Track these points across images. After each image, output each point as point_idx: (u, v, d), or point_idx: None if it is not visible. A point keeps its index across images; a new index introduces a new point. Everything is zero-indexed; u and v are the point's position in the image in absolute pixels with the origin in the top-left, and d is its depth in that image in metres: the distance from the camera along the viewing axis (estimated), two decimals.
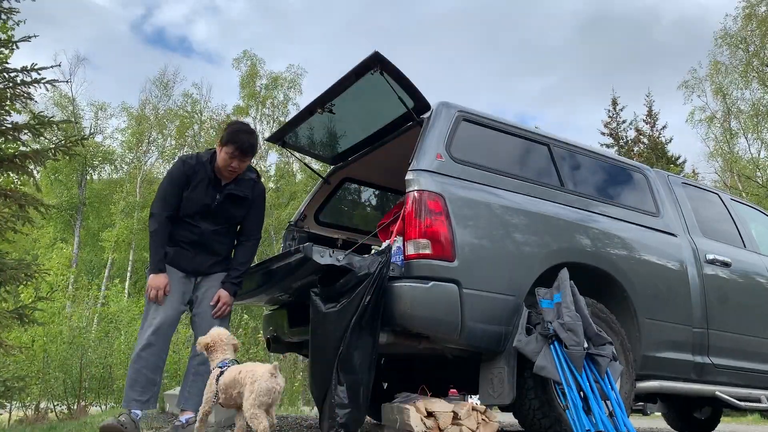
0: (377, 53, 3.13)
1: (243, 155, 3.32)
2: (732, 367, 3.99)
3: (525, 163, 3.58)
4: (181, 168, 3.35)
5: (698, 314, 3.81)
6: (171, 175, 3.37)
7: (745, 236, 4.56)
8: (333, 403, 2.77)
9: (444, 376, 4.37)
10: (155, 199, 3.38)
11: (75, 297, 12.76)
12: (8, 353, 6.46)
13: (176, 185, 3.34)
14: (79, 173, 26.45)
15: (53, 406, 8.26)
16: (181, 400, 3.34)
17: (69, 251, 17.87)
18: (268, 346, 4.12)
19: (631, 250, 3.59)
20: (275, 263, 3.21)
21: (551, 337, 2.86)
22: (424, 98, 3.35)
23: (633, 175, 4.07)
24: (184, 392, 3.33)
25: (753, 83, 21.57)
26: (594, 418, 2.74)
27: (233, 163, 3.30)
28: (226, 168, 3.33)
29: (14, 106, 6.34)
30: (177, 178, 3.34)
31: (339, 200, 4.67)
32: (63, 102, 26.23)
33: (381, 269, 2.82)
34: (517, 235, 3.16)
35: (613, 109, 28.99)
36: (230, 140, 3.29)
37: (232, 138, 3.29)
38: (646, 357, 3.53)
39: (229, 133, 3.31)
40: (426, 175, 3.01)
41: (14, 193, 6.02)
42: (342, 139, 4.19)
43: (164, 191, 3.35)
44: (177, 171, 3.35)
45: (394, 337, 2.94)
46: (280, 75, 27.22)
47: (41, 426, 5.05)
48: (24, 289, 7.81)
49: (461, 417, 2.99)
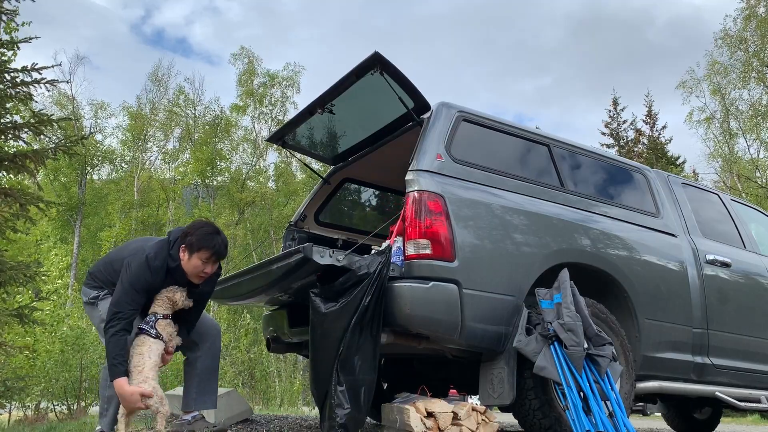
0: (377, 53, 3.13)
1: (218, 258, 3.04)
2: (732, 368, 3.99)
3: (525, 163, 3.58)
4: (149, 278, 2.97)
5: (698, 315, 3.81)
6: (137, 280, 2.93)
7: (745, 237, 4.56)
8: (333, 403, 2.77)
9: (444, 376, 4.37)
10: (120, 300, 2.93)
11: (75, 299, 12.76)
12: (8, 353, 6.46)
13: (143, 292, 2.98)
14: (79, 173, 26.46)
15: (53, 406, 8.26)
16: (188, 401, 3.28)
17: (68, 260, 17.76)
18: (268, 347, 4.12)
19: (631, 250, 3.59)
20: (275, 263, 3.20)
21: (551, 337, 2.86)
22: (424, 98, 3.35)
23: (633, 175, 4.07)
24: (192, 393, 3.27)
25: (751, 83, 21.58)
26: (594, 419, 2.74)
27: (207, 268, 3.01)
28: (197, 274, 3.02)
29: (17, 108, 6.35)
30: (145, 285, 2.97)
31: (339, 200, 4.67)
32: (63, 101, 26.25)
33: (381, 269, 2.82)
34: (517, 236, 3.16)
35: (613, 109, 29.03)
36: (203, 245, 2.96)
37: (205, 243, 2.96)
38: (646, 357, 3.53)
39: (199, 238, 2.97)
40: (426, 176, 3.01)
41: (14, 192, 6.02)
42: (342, 139, 4.19)
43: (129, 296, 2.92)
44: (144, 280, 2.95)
45: (394, 337, 2.94)
46: (277, 73, 27.24)
47: (41, 426, 5.05)
48: (23, 290, 7.81)
49: (461, 417, 2.99)
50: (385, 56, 3.14)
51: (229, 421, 3.84)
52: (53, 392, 8.11)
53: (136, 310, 2.94)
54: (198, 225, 3.08)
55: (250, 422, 4.01)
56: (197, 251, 2.96)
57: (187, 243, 2.97)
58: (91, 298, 3.20)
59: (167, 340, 2.99)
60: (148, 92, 28.16)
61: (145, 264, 2.95)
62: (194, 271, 3.00)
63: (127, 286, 2.91)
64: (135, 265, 2.95)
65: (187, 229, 3.05)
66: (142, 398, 2.76)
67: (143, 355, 2.87)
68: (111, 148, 28.19)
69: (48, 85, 6.37)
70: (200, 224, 3.09)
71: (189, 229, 3.05)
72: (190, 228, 3.06)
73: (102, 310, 3.06)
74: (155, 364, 2.88)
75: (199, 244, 2.96)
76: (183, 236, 3.01)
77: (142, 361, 2.85)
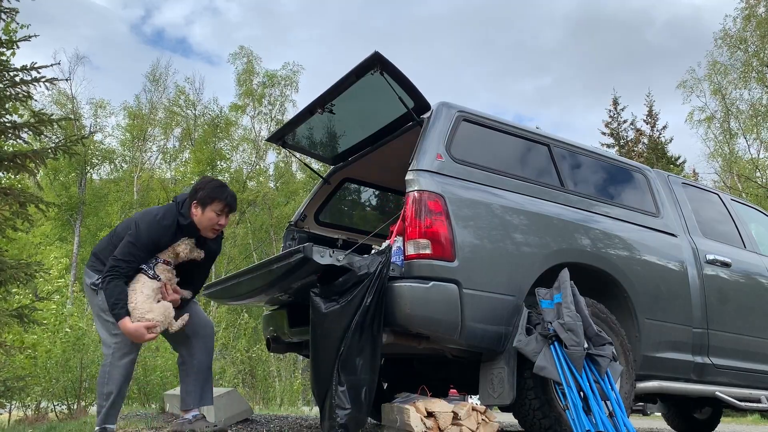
0: (377, 53, 3.13)
1: (231, 210, 3.17)
2: (732, 368, 3.99)
3: (525, 163, 3.58)
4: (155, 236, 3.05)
5: (698, 314, 3.81)
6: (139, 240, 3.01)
7: (745, 236, 4.56)
8: (333, 403, 2.77)
9: (444, 376, 4.37)
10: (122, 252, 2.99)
11: (75, 299, 12.77)
12: (8, 353, 6.46)
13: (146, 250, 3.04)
14: (79, 172, 26.45)
15: (53, 406, 8.25)
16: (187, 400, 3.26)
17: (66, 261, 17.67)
18: (268, 346, 4.12)
19: (631, 250, 3.59)
20: (275, 263, 3.20)
21: (551, 337, 2.86)
22: (424, 98, 3.35)
23: (633, 175, 4.07)
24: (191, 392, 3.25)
25: (752, 83, 21.58)
26: (594, 419, 2.74)
27: (221, 220, 3.14)
28: (212, 227, 3.14)
29: (15, 107, 6.34)
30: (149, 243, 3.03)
31: (339, 200, 4.67)
32: (62, 100, 26.24)
33: (381, 269, 2.82)
34: (518, 236, 3.16)
35: (613, 109, 29.04)
36: (215, 197, 3.10)
37: (216, 195, 3.10)
38: (646, 357, 3.53)
39: (210, 190, 3.11)
40: (426, 176, 3.01)
41: (14, 192, 6.02)
42: (342, 139, 4.19)
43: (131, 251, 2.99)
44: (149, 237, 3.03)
45: (394, 337, 2.94)
46: (276, 72, 27.21)
47: (41, 426, 5.05)
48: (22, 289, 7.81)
49: (461, 417, 2.99)
50: (385, 56, 3.14)
51: (229, 420, 3.84)
52: (53, 392, 8.10)
53: (135, 266, 3.00)
54: (205, 181, 3.22)
55: (250, 422, 4.00)
56: (210, 204, 3.09)
57: (199, 198, 3.10)
58: (93, 284, 3.13)
59: (164, 281, 3.07)
60: (147, 92, 28.17)
61: (154, 222, 3.06)
62: (209, 224, 3.12)
63: (131, 241, 3.01)
64: (143, 224, 3.06)
65: (196, 186, 3.17)
66: (148, 330, 2.91)
67: (135, 291, 2.98)
68: (111, 147, 28.19)
69: (47, 83, 6.36)
70: (207, 180, 3.24)
71: (197, 185, 3.17)
72: (198, 185, 3.17)
73: (102, 298, 3.04)
74: (147, 296, 2.97)
75: (212, 197, 3.09)
76: (193, 193, 3.14)
77: (134, 297, 2.96)
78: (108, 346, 3.09)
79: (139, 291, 2.98)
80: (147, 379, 8.82)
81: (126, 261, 2.97)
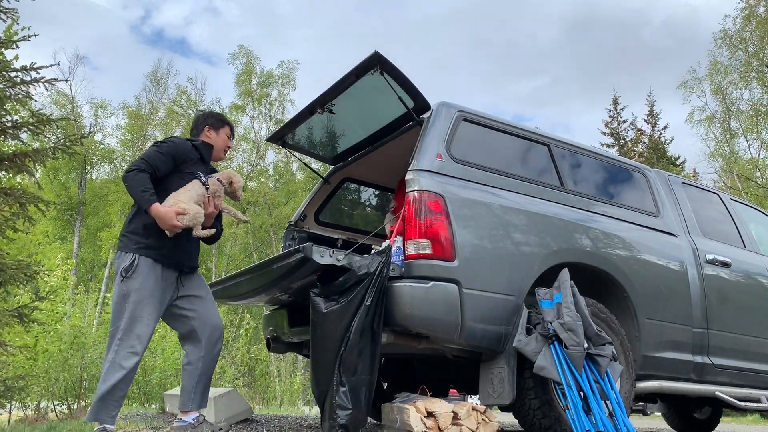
0: (377, 53, 3.13)
1: (234, 135, 3.58)
2: (732, 367, 3.99)
3: (525, 163, 3.58)
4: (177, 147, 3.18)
5: (698, 314, 3.81)
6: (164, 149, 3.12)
7: (745, 236, 4.56)
8: (334, 403, 2.77)
9: (444, 376, 4.37)
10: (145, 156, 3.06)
11: (75, 300, 12.76)
12: (8, 353, 6.45)
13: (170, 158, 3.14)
14: (79, 172, 26.45)
15: (53, 406, 8.25)
16: (188, 402, 3.18)
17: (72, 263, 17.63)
18: (268, 346, 4.12)
19: (631, 250, 3.59)
20: (275, 263, 3.20)
21: (551, 337, 2.86)
22: (424, 98, 3.35)
23: (633, 175, 4.07)
24: (194, 395, 3.17)
25: (752, 83, 21.58)
26: (594, 418, 2.74)
27: (230, 143, 3.50)
28: (224, 148, 3.48)
29: (15, 108, 6.33)
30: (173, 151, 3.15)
31: (339, 200, 4.67)
32: (62, 100, 26.22)
33: (381, 269, 2.82)
34: (517, 235, 3.16)
35: (614, 109, 29.03)
36: (226, 122, 3.50)
37: (225, 120, 3.52)
38: (646, 357, 3.53)
39: (219, 117, 3.52)
40: (426, 175, 3.01)
41: (14, 192, 6.01)
42: (342, 139, 4.19)
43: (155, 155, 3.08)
44: (173, 146, 3.16)
45: (394, 337, 2.94)
46: (272, 71, 27.19)
47: (41, 426, 5.05)
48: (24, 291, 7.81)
49: (461, 417, 2.99)
50: (384, 56, 3.14)
51: (229, 420, 3.84)
52: (54, 392, 8.10)
53: (156, 171, 3.05)
54: (208, 112, 3.62)
55: (250, 422, 4.00)
56: (222, 127, 3.46)
57: (211, 124, 3.44)
58: (124, 270, 3.00)
59: (210, 193, 3.20)
60: (147, 92, 28.17)
61: (179, 138, 3.30)
62: (223, 144, 3.45)
63: (156, 148, 3.14)
64: (168, 139, 3.25)
65: (203, 116, 3.49)
66: (177, 216, 2.95)
67: (185, 188, 3.11)
68: (111, 147, 28.17)
69: (47, 84, 6.34)
70: (208, 111, 3.66)
71: (202, 116, 3.49)
72: (202, 115, 3.51)
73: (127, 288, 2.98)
74: (191, 197, 3.08)
75: (222, 120, 3.49)
76: (202, 121, 3.45)
77: (180, 192, 3.08)
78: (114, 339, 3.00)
79: (187, 188, 3.11)
80: (147, 379, 8.82)
81: (147, 162, 3.03)
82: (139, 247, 3.04)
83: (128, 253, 3.04)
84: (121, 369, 2.94)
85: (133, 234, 3.08)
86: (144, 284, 3.00)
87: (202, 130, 3.43)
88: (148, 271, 3.02)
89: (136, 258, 3.02)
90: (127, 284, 2.99)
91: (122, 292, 3.00)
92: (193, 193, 3.11)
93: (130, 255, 3.03)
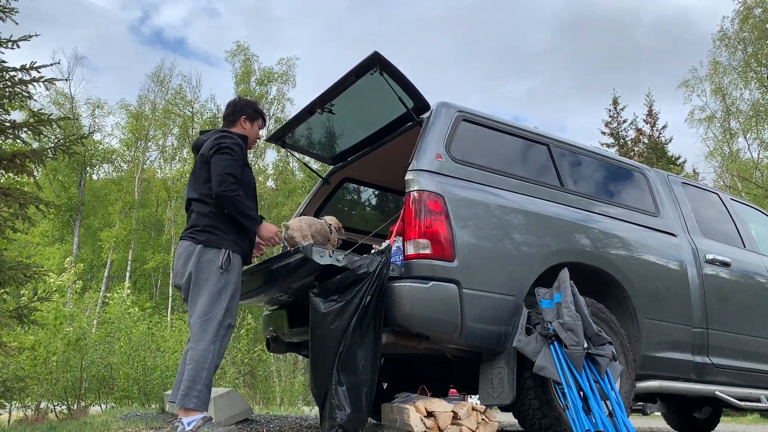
0: (377, 53, 3.13)
1: (265, 125, 3.57)
2: (732, 367, 3.99)
3: (525, 163, 3.58)
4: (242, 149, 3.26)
5: (698, 314, 3.81)
6: (237, 155, 3.16)
7: (744, 236, 4.56)
8: (333, 403, 2.77)
9: (444, 376, 4.37)
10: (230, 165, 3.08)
11: (76, 301, 12.76)
12: (8, 353, 6.46)
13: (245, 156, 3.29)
14: (79, 172, 26.44)
15: (53, 406, 8.25)
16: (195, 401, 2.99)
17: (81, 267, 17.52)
18: (267, 346, 4.12)
19: (630, 250, 3.59)
20: (275, 263, 3.20)
21: (551, 337, 2.86)
22: (423, 98, 3.35)
23: (633, 175, 4.07)
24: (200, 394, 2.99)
25: (751, 83, 21.59)
26: (594, 418, 2.74)
27: (261, 134, 3.51)
28: (255, 139, 3.46)
29: (12, 104, 6.33)
30: (244, 156, 3.27)
31: (338, 200, 4.67)
32: (60, 100, 26.22)
33: (381, 269, 2.82)
34: (517, 235, 3.16)
35: (613, 109, 29.04)
36: (260, 113, 3.47)
37: (260, 111, 3.48)
38: (645, 357, 3.53)
39: (254, 107, 3.47)
40: (426, 175, 3.01)
41: (14, 192, 6.01)
42: (341, 139, 4.19)
43: (236, 164, 3.13)
44: (240, 151, 3.21)
45: (394, 337, 2.94)
46: (271, 69, 27.14)
47: (41, 426, 5.05)
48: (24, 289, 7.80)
49: (461, 417, 2.99)
50: (384, 56, 3.14)
51: (228, 421, 3.84)
52: (54, 392, 8.10)
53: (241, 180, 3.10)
54: (244, 101, 3.49)
55: (250, 422, 4.00)
56: (257, 119, 3.45)
57: (248, 114, 3.40)
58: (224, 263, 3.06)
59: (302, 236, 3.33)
60: (150, 92, 28.16)
61: (231, 137, 3.20)
62: (255, 136, 3.46)
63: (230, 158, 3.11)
64: (227, 141, 3.16)
65: (240, 106, 3.40)
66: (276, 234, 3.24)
67: (316, 221, 3.50)
68: (111, 147, 28.16)
69: (46, 83, 6.35)
70: (244, 100, 3.50)
71: (239, 105, 3.40)
72: (239, 105, 3.41)
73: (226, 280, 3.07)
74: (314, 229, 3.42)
75: (258, 111, 3.46)
76: (240, 110, 3.38)
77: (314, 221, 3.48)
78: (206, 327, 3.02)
79: (315, 221, 3.47)
80: (147, 379, 8.82)
81: (236, 177, 3.06)
82: (232, 243, 3.15)
83: (221, 249, 3.12)
84: (221, 357, 3.08)
85: (221, 231, 3.15)
86: (237, 279, 3.15)
87: (239, 119, 3.39)
88: (239, 267, 3.18)
89: (229, 253, 3.13)
90: (226, 277, 3.09)
91: (222, 284, 3.09)
92: (319, 227, 3.47)
93: (223, 250, 3.12)
